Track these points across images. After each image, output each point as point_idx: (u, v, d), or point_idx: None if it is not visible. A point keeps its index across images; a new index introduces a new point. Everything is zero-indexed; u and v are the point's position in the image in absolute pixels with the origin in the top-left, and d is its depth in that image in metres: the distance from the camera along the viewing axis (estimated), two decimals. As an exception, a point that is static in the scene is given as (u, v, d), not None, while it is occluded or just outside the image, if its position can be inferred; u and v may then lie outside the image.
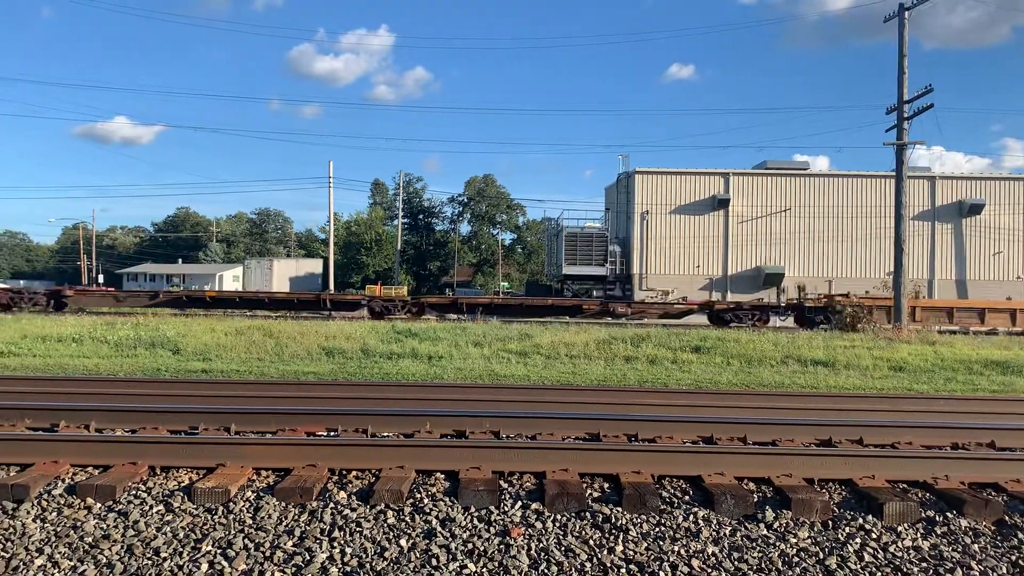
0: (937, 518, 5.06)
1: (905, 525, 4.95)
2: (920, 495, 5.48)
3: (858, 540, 4.73)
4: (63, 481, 5.33)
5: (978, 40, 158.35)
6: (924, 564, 4.48)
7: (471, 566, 4.31)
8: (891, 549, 4.64)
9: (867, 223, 42.94)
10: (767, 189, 44.08)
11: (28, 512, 4.85)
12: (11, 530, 4.63)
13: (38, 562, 4.26)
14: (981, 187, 44.10)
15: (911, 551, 4.63)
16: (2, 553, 4.35)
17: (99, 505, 4.97)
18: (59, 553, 4.36)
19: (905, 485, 5.65)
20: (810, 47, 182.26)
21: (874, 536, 4.80)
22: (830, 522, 4.98)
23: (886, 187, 40.57)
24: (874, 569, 4.40)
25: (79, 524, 4.71)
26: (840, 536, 4.79)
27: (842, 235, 43.34)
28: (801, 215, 43.56)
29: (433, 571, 4.27)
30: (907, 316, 26.53)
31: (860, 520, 4.99)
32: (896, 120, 26.89)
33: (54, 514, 4.84)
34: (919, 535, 4.84)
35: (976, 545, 4.74)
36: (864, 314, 25.64)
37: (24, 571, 4.21)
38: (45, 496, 5.07)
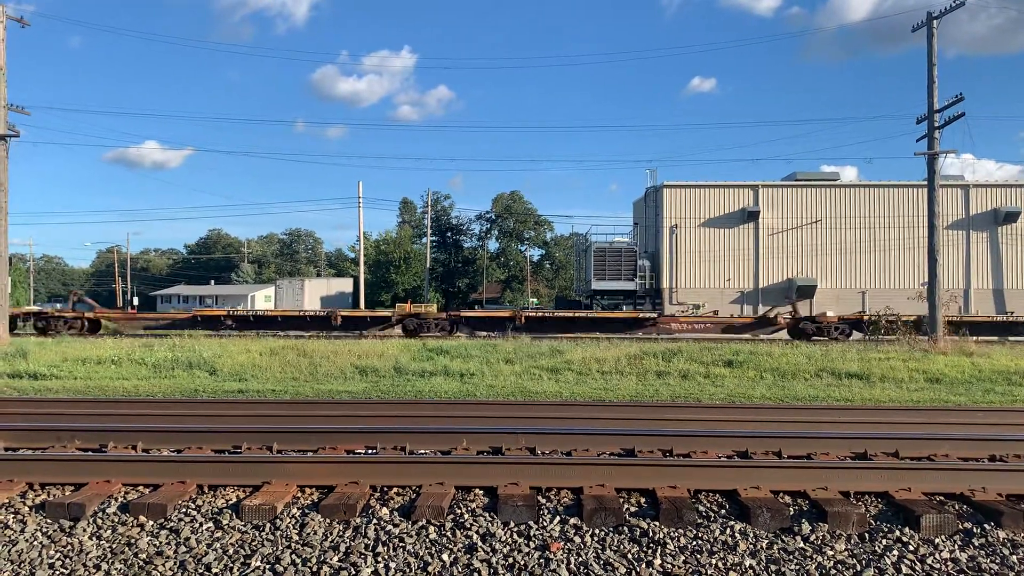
0: (975, 530, 5.07)
1: (943, 537, 4.98)
2: (957, 507, 5.49)
3: (895, 552, 4.76)
4: (116, 500, 5.51)
5: (1003, 46, 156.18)
6: (962, 575, 4.51)
7: (512, 580, 4.41)
8: (928, 561, 4.66)
9: (900, 233, 42.46)
10: (797, 201, 43.78)
11: (84, 530, 5.04)
12: (69, 547, 4.81)
13: (96, 578, 4.43)
14: (1016, 194, 43.37)
15: (949, 563, 4.65)
16: (62, 570, 4.53)
17: (151, 523, 5.15)
18: (115, 570, 4.53)
19: (942, 497, 5.66)
20: (832, 59, 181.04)
21: (911, 548, 4.82)
22: (867, 534, 5.02)
23: (918, 196, 40.15)
24: (912, 581, 4.43)
25: (133, 541, 4.88)
26: (877, 548, 4.83)
27: (874, 246, 42.87)
28: (832, 226, 43.19)
29: (475, 585, 4.38)
30: (942, 327, 26.20)
31: (897, 532, 5.02)
32: (927, 130, 26.70)
33: (109, 532, 5.03)
34: (957, 547, 4.86)
35: (1015, 556, 4.75)
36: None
37: (83, 586, 4.38)
38: (100, 514, 5.26)
